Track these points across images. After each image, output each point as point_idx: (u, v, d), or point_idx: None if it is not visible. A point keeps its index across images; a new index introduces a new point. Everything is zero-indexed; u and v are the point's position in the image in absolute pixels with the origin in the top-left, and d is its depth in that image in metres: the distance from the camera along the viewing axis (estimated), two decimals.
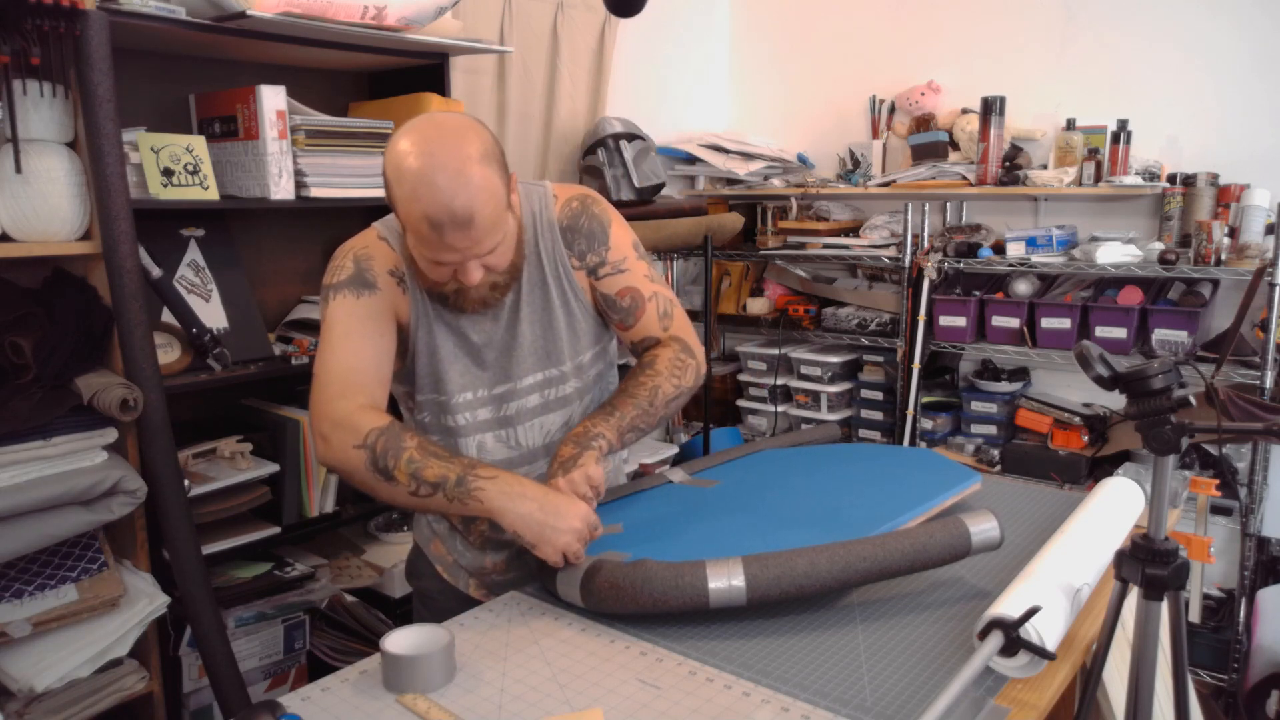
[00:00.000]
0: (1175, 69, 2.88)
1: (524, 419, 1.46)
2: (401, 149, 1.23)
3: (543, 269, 1.45)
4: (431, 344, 1.40)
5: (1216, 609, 2.80)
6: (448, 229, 1.21)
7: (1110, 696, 1.33)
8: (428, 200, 1.20)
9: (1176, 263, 2.65)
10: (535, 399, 1.46)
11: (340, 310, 1.35)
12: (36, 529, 1.57)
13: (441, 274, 1.30)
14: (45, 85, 1.59)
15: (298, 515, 2.11)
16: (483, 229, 1.23)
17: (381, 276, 1.37)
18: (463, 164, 1.21)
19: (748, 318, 3.58)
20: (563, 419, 1.49)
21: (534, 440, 1.48)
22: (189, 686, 1.94)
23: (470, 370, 1.43)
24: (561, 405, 1.49)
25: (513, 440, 1.46)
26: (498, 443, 1.46)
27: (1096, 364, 1.10)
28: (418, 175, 1.21)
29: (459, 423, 1.44)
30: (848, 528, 1.33)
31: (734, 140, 3.51)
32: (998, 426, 3.10)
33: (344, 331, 1.34)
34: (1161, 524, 1.13)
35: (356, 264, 1.38)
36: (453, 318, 1.40)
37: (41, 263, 1.77)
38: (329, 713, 1.08)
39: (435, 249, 1.25)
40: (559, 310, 1.46)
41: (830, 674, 1.12)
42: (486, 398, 1.44)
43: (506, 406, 1.45)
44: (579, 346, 1.49)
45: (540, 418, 1.47)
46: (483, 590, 1.53)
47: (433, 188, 1.20)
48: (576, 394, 1.50)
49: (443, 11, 2.09)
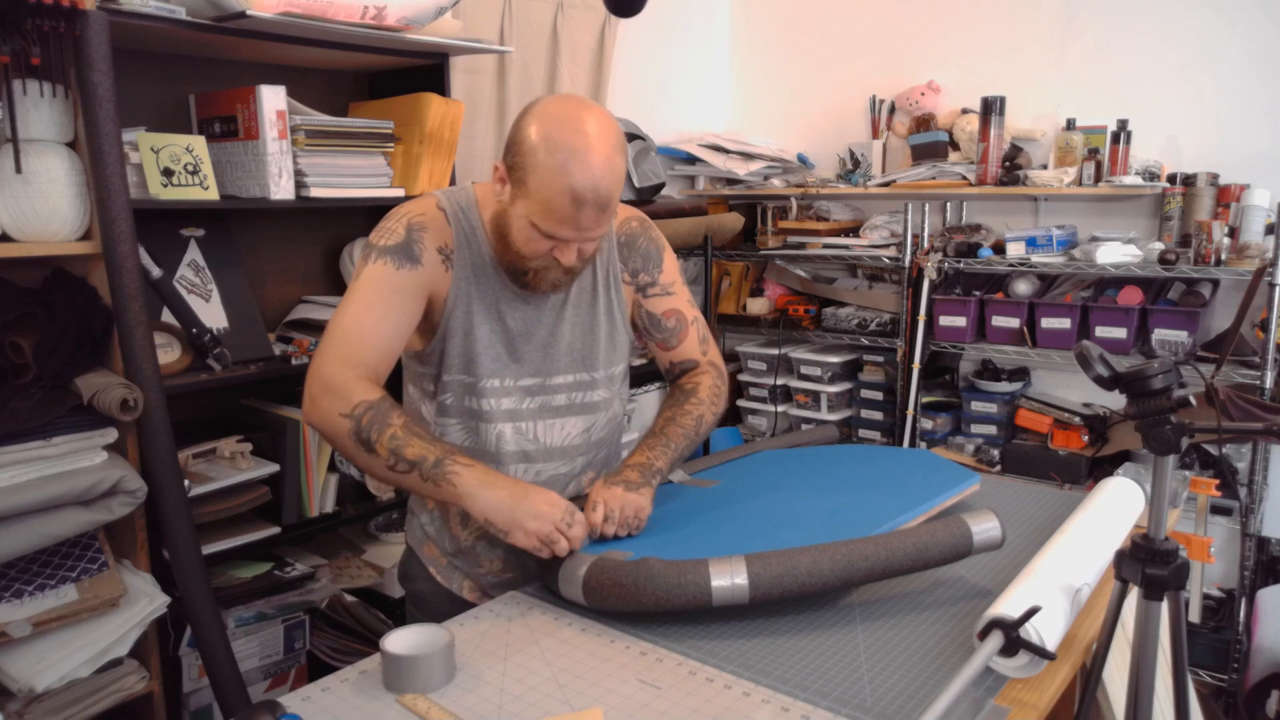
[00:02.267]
0: (1175, 69, 2.87)
1: (547, 416, 1.47)
2: (556, 119, 1.26)
3: (594, 277, 1.48)
4: (468, 325, 1.40)
5: (1216, 609, 2.80)
6: (588, 207, 1.25)
7: (1110, 696, 1.33)
8: (580, 176, 1.23)
9: (1176, 263, 2.65)
10: (563, 399, 1.47)
11: (375, 275, 1.35)
12: (36, 529, 1.57)
13: (541, 248, 1.31)
14: (45, 85, 1.59)
15: (298, 515, 2.11)
16: (610, 215, 1.30)
17: (428, 252, 1.37)
18: (612, 151, 1.27)
19: (748, 318, 3.58)
20: (584, 424, 1.50)
21: (553, 440, 1.48)
22: (189, 686, 1.94)
23: (502, 358, 1.43)
24: (587, 411, 1.50)
25: (531, 435, 1.46)
26: (516, 434, 1.45)
27: (1096, 364, 1.10)
28: (574, 151, 1.24)
29: (484, 407, 1.43)
30: (847, 528, 1.33)
31: (734, 140, 3.51)
32: (998, 426, 3.10)
33: (370, 299, 1.34)
34: (1161, 524, 1.13)
35: (409, 231, 1.37)
36: (494, 303, 1.41)
37: (41, 263, 1.76)
38: (329, 713, 1.08)
39: (561, 224, 1.27)
40: (603, 319, 1.49)
41: (830, 674, 1.12)
42: (514, 387, 1.44)
43: (533, 400, 1.46)
44: (614, 358, 1.51)
45: (564, 419, 1.48)
46: (476, 592, 1.53)
47: (587, 166, 1.24)
48: (604, 404, 1.51)
49: (443, 11, 2.09)
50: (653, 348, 1.59)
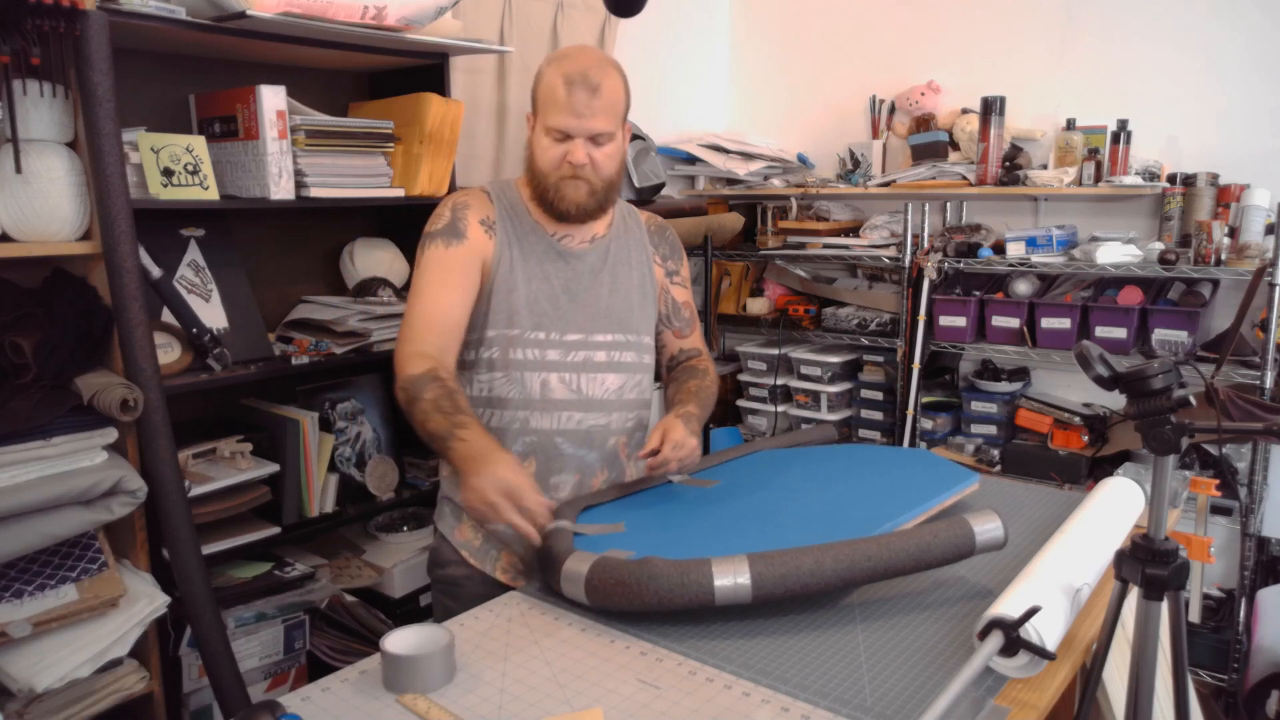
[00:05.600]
0: (1175, 69, 2.87)
1: (590, 370, 1.61)
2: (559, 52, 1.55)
3: (630, 248, 1.68)
4: (511, 281, 1.57)
5: (1216, 609, 2.80)
6: (578, 88, 1.46)
7: (1110, 696, 1.33)
8: (569, 63, 1.48)
9: (1176, 263, 2.65)
10: (603, 356, 1.62)
11: (431, 259, 1.55)
12: (36, 529, 1.57)
13: (555, 154, 1.51)
14: (45, 85, 1.59)
15: (298, 515, 2.11)
16: (604, 103, 1.48)
17: (473, 225, 1.57)
18: (603, 58, 1.53)
19: (748, 318, 3.58)
20: (621, 381, 1.64)
21: (595, 392, 1.61)
22: (189, 686, 1.94)
23: (547, 313, 1.58)
24: (624, 370, 1.64)
25: (575, 385, 1.60)
26: (561, 384, 1.59)
27: (1096, 364, 1.10)
28: (565, 55, 1.51)
29: (528, 356, 1.57)
30: (847, 528, 1.33)
31: (734, 140, 3.51)
32: (998, 426, 3.10)
33: (429, 281, 1.54)
34: (1161, 524, 1.13)
35: (454, 212, 1.58)
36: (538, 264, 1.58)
37: (41, 263, 1.76)
38: (329, 713, 1.08)
39: (560, 113, 1.48)
40: (636, 289, 1.67)
41: (830, 674, 1.12)
42: (558, 341, 1.59)
43: (575, 354, 1.60)
44: (646, 326, 1.69)
45: (604, 374, 1.62)
46: (510, 573, 1.59)
47: (576, 57, 1.50)
48: (638, 366, 1.67)
49: (443, 11, 2.09)
50: (666, 333, 1.77)
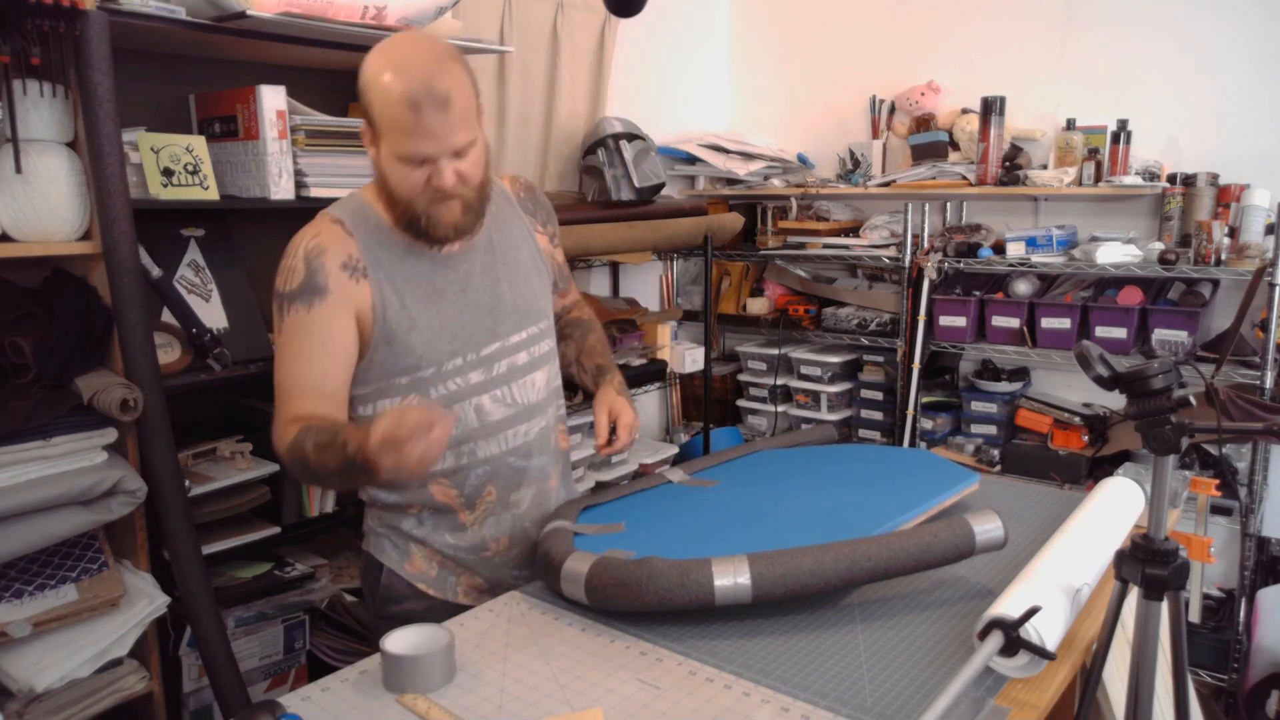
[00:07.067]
0: (1175, 69, 2.87)
1: (517, 376, 1.49)
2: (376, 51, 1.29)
3: (511, 226, 1.53)
4: (406, 319, 1.38)
5: (1216, 609, 2.80)
6: (425, 108, 1.24)
7: (1110, 696, 1.33)
8: (407, 80, 1.24)
9: (1176, 263, 2.65)
10: (524, 356, 1.50)
11: (292, 326, 1.36)
12: (36, 529, 1.57)
13: (417, 179, 1.30)
14: (45, 85, 1.59)
15: (298, 515, 2.10)
16: (459, 114, 1.27)
17: (333, 274, 1.36)
18: (438, 52, 1.28)
19: (748, 318, 3.58)
20: (546, 374, 1.55)
21: (529, 397, 1.50)
22: (189, 686, 1.94)
23: (458, 335, 1.42)
24: (545, 361, 1.55)
25: (509, 398, 1.47)
26: (495, 403, 1.46)
27: (1096, 364, 1.10)
28: (394, 64, 1.26)
29: (452, 388, 1.42)
30: (847, 528, 1.33)
31: (734, 140, 3.51)
32: (998, 426, 3.10)
33: (295, 353, 1.37)
34: (1161, 524, 1.13)
35: (307, 264, 1.36)
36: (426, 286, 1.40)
37: (41, 263, 1.76)
38: (329, 713, 1.08)
39: (412, 138, 1.26)
40: (531, 269, 1.54)
41: (830, 674, 1.12)
42: (476, 360, 1.44)
43: (498, 365, 1.46)
44: (548, 303, 1.58)
45: (531, 375, 1.51)
46: (472, 594, 1.51)
47: (410, 69, 1.25)
48: (552, 351, 1.58)
49: (443, 11, 2.09)
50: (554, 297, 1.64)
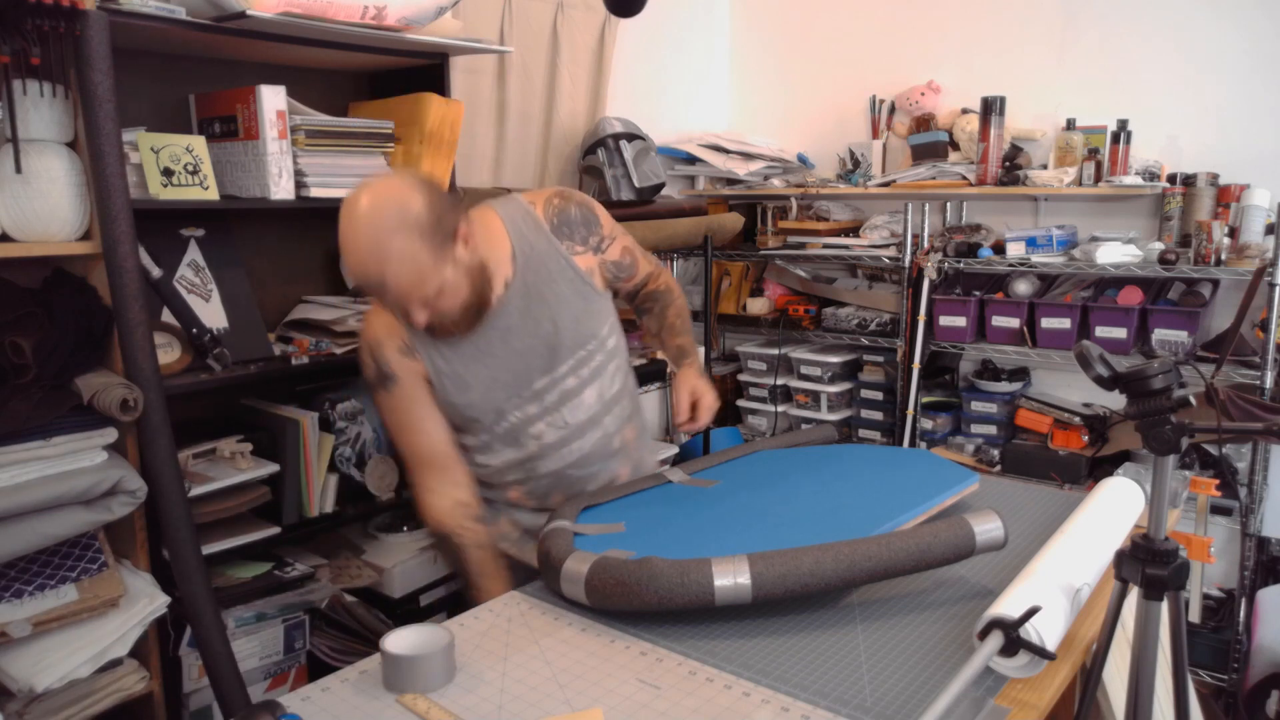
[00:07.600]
0: (1175, 69, 2.87)
1: (568, 400, 1.62)
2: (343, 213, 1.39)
3: (545, 263, 1.60)
4: (461, 382, 1.57)
5: (1216, 609, 2.80)
6: (372, 289, 1.43)
7: (1110, 696, 1.33)
8: (353, 264, 1.40)
9: (1176, 263, 2.65)
10: (572, 380, 1.62)
11: (385, 405, 1.61)
12: (36, 529, 1.57)
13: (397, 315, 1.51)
14: (45, 85, 1.59)
15: (298, 515, 2.10)
16: (401, 291, 1.40)
17: (395, 360, 1.57)
18: (379, 236, 1.36)
19: (748, 318, 3.58)
20: (598, 390, 1.65)
21: (579, 417, 1.63)
22: (189, 686, 1.94)
23: (508, 384, 1.59)
24: (597, 376, 1.64)
25: (560, 421, 1.62)
26: (549, 427, 1.62)
27: (1096, 364, 1.10)
28: (345, 243, 1.39)
29: (512, 421, 1.61)
30: (847, 528, 1.33)
31: (734, 140, 3.51)
32: (998, 426, 3.10)
33: (399, 422, 1.61)
34: (1161, 524, 1.13)
35: (373, 357, 1.58)
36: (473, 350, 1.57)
37: (41, 263, 1.76)
38: (329, 713, 1.08)
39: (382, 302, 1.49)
40: (573, 297, 1.61)
41: (830, 674, 1.12)
42: (530, 395, 1.60)
43: (549, 396, 1.61)
44: (598, 319, 1.65)
45: (579, 396, 1.63)
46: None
47: (352, 255, 1.39)
48: (604, 360, 1.66)
49: (443, 11, 2.09)
50: (621, 285, 1.75)
